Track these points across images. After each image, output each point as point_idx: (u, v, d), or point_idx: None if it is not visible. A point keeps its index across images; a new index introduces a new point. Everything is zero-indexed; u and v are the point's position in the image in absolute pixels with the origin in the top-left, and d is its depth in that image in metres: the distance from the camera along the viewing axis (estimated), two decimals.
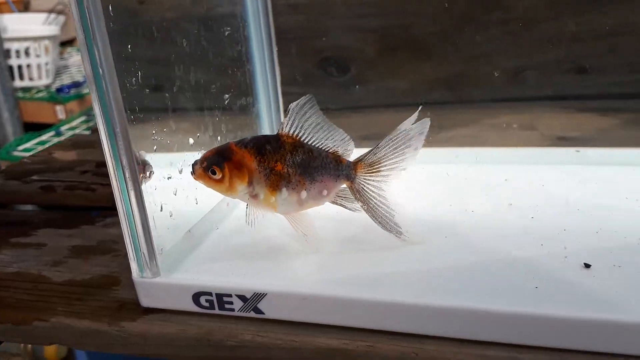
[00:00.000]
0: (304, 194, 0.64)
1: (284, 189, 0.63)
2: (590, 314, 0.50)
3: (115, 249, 0.80)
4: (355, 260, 0.63)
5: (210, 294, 0.61)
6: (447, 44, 1.03)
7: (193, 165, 0.64)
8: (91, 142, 1.24)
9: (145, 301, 0.64)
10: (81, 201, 0.97)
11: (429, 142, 1.01)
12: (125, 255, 0.75)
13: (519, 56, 1.02)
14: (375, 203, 0.65)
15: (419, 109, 0.65)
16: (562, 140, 0.93)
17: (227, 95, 0.79)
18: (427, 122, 0.64)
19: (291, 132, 0.64)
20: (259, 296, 0.59)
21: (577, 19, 0.95)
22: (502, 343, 0.53)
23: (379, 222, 0.65)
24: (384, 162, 0.65)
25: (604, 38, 0.95)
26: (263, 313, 0.60)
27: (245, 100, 0.85)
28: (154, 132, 0.66)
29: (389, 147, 0.64)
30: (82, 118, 2.25)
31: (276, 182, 0.63)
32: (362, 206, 0.66)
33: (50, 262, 0.78)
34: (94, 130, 1.30)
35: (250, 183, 0.63)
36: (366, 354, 0.55)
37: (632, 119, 0.96)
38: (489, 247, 0.63)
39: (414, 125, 0.64)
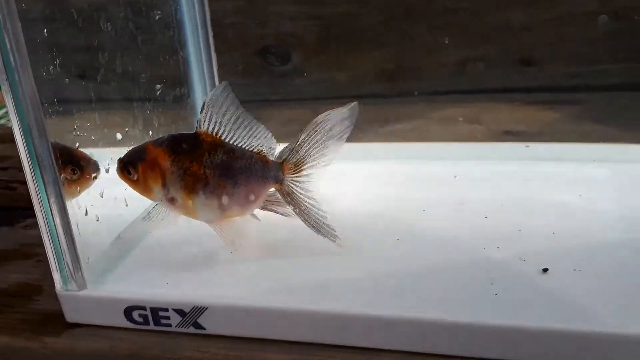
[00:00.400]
0: (225, 199, 0.58)
1: (201, 193, 0.57)
2: (556, 324, 0.47)
3: (38, 253, 0.73)
4: (297, 269, 0.59)
5: (144, 308, 0.56)
6: (391, 34, 1.00)
7: (117, 162, 0.59)
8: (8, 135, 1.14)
9: (71, 316, 0.58)
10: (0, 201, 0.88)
11: (372, 137, 0.98)
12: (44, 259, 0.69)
13: (463, 47, 0.99)
14: (306, 206, 0.59)
15: (353, 104, 0.60)
16: (509, 135, 0.91)
17: (159, 86, 0.72)
18: (355, 107, 0.59)
19: (210, 129, 0.58)
20: (199, 310, 0.54)
21: (523, 9, 0.93)
22: (463, 356, 0.49)
23: (312, 227, 0.59)
24: (307, 159, 0.59)
25: (549, 29, 0.94)
26: (204, 328, 0.55)
27: (179, 90, 0.79)
28: (75, 126, 0.60)
29: (310, 142, 0.59)
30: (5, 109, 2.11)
31: (192, 184, 0.57)
32: (293, 210, 0.60)
33: None
34: None
35: (164, 185, 0.57)
36: None
37: (578, 112, 0.95)
38: (442, 250, 0.60)
39: (336, 109, 0.58)
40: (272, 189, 0.61)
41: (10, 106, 0.50)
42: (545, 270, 0.55)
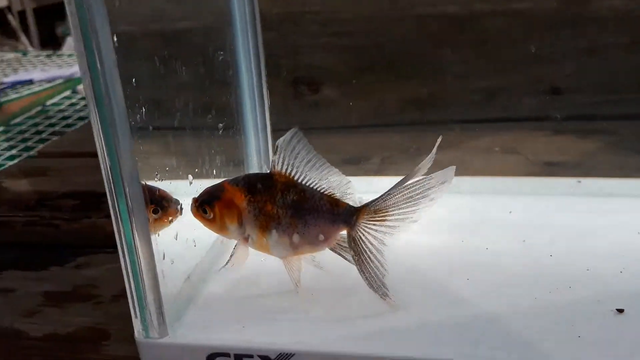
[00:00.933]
0: (296, 237, 0.59)
1: (274, 231, 0.59)
2: None
3: (95, 294, 0.72)
4: (371, 314, 0.59)
5: (227, 355, 0.56)
6: (421, 64, 1.01)
7: (192, 201, 0.62)
8: (41, 168, 1.13)
9: None
10: (44, 239, 0.88)
11: (409, 170, 0.99)
12: (111, 301, 0.69)
13: (492, 77, 1.01)
14: (368, 256, 0.58)
15: (439, 141, 0.60)
16: (550, 166, 0.92)
17: (221, 125, 0.73)
18: (451, 171, 0.58)
19: (283, 170, 0.59)
20: (285, 356, 0.54)
21: (551, 40, 0.95)
22: None
23: (366, 278, 0.59)
24: (392, 210, 0.58)
25: (575, 59, 0.96)
26: None
27: (233, 125, 0.80)
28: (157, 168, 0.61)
29: (402, 195, 0.58)
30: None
31: (266, 223, 0.59)
32: (353, 256, 0.59)
33: (24, 312, 0.69)
34: (42, 154, 1.19)
35: (240, 223, 0.60)
36: None
37: (612, 141, 0.97)
38: (514, 292, 0.60)
39: (435, 173, 0.58)
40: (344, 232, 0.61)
41: (97, 131, 0.50)
42: (620, 310, 0.56)
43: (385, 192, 0.58)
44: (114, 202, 0.52)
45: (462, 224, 0.74)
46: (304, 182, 0.60)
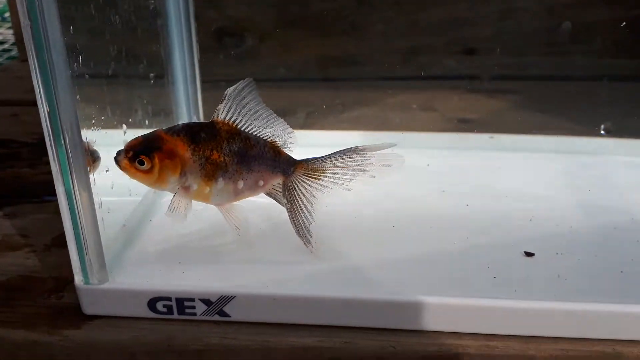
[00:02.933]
0: (240, 183, 0.61)
1: (220, 179, 0.60)
2: (561, 303, 0.55)
3: (27, 243, 0.71)
4: (309, 260, 0.62)
5: (169, 299, 0.58)
6: (344, 21, 1.04)
7: (117, 155, 0.59)
8: None
9: (90, 309, 0.59)
10: None
11: (335, 123, 1.03)
12: (43, 250, 0.69)
13: (411, 36, 1.05)
14: (299, 206, 0.62)
15: (393, 145, 0.61)
16: (464, 122, 0.98)
17: (152, 75, 0.73)
18: (395, 156, 0.61)
19: (227, 118, 0.60)
20: (225, 299, 0.57)
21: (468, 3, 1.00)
22: (475, 333, 0.56)
23: (294, 224, 0.62)
24: (328, 172, 0.62)
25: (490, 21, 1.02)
26: (229, 316, 0.58)
27: (163, 75, 0.80)
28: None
29: (342, 162, 0.61)
30: None
31: (212, 172, 0.60)
32: (285, 204, 0.63)
33: None
34: None
35: (182, 174, 0.59)
36: (344, 350, 0.55)
37: (520, 100, 1.04)
38: (434, 237, 0.65)
39: (377, 151, 0.61)
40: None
41: (35, 76, 0.50)
42: (529, 254, 0.62)
43: (328, 154, 0.62)
44: (53, 150, 0.52)
45: (380, 178, 0.78)
46: (247, 129, 0.61)
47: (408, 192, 0.74)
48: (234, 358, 0.56)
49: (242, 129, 0.61)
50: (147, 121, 0.72)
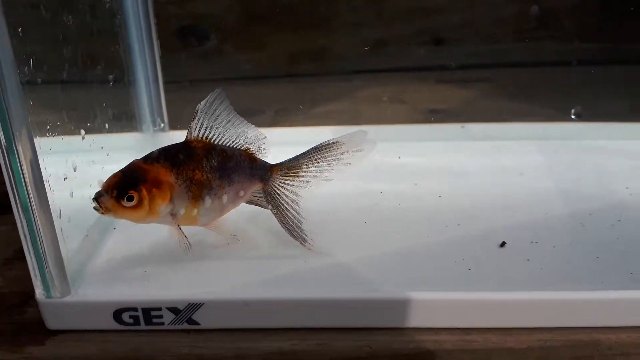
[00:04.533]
0: (224, 198, 0.59)
1: (207, 198, 0.58)
2: (537, 293, 0.54)
3: None
4: (279, 260, 0.61)
5: (135, 309, 0.55)
6: (310, 15, 1.02)
7: (97, 197, 0.55)
8: None
9: (54, 324, 0.56)
10: None
11: (305, 119, 1.01)
12: (5, 263, 0.67)
13: (379, 27, 1.04)
14: (286, 208, 0.62)
15: (365, 133, 0.61)
16: (434, 113, 0.97)
17: (111, 77, 0.71)
18: (364, 140, 0.60)
19: (200, 134, 0.58)
20: (194, 307, 0.55)
21: None
22: (453, 327, 0.55)
23: (286, 228, 0.62)
24: (305, 167, 0.61)
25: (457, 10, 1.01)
26: (198, 324, 0.56)
27: (123, 77, 0.77)
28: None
29: (316, 156, 0.61)
30: None
31: (198, 192, 0.58)
32: (271, 210, 0.62)
33: None
34: None
35: (170, 201, 0.57)
36: (319, 353, 0.54)
37: (491, 88, 1.03)
38: (407, 232, 0.64)
39: (347, 139, 0.60)
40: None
41: None
42: (503, 244, 0.61)
43: (300, 153, 0.61)
44: (6, 160, 0.50)
45: (353, 170, 0.76)
46: (221, 142, 0.59)
47: (379, 186, 0.72)
48: None
49: (216, 141, 0.59)
50: (107, 125, 0.70)
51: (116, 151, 0.67)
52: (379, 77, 1.04)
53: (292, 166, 0.61)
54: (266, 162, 0.62)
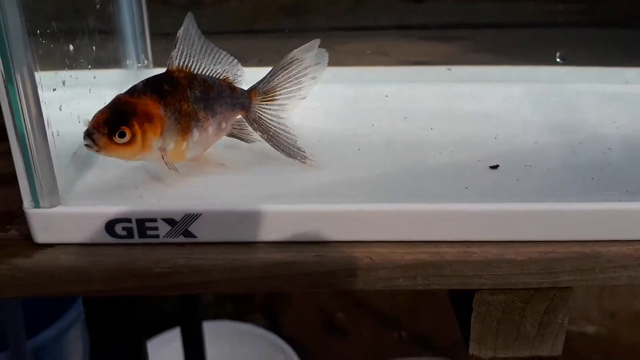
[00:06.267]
0: (210, 130, 0.58)
1: (195, 130, 0.57)
2: (537, 204, 0.54)
3: None
4: (275, 179, 0.60)
5: (129, 220, 0.54)
6: None
7: (87, 135, 0.53)
8: None
9: (42, 236, 0.54)
10: None
11: None
12: None
13: None
14: (275, 131, 0.61)
15: (318, 41, 0.61)
16: (419, 65, 0.97)
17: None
18: (323, 53, 0.61)
19: (180, 63, 0.57)
20: (191, 217, 0.53)
21: None
22: (453, 241, 0.54)
23: (282, 150, 0.61)
24: (279, 90, 0.61)
25: None
26: (195, 236, 0.54)
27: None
28: None
29: (283, 75, 0.61)
30: None
31: (187, 124, 0.56)
32: (261, 135, 0.61)
33: None
34: None
35: (161, 135, 0.55)
36: (318, 264, 0.53)
37: (469, 47, 1.04)
38: (403, 157, 0.64)
39: (307, 54, 0.60)
40: (239, 116, 0.62)
41: None
42: (494, 167, 0.61)
43: (266, 75, 0.61)
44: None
45: (341, 111, 0.75)
46: (199, 71, 0.58)
47: (369, 119, 0.72)
48: (202, 279, 0.53)
49: (195, 70, 0.58)
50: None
51: (98, 87, 0.65)
52: (358, 34, 1.05)
53: (267, 90, 0.61)
54: (243, 90, 0.61)
